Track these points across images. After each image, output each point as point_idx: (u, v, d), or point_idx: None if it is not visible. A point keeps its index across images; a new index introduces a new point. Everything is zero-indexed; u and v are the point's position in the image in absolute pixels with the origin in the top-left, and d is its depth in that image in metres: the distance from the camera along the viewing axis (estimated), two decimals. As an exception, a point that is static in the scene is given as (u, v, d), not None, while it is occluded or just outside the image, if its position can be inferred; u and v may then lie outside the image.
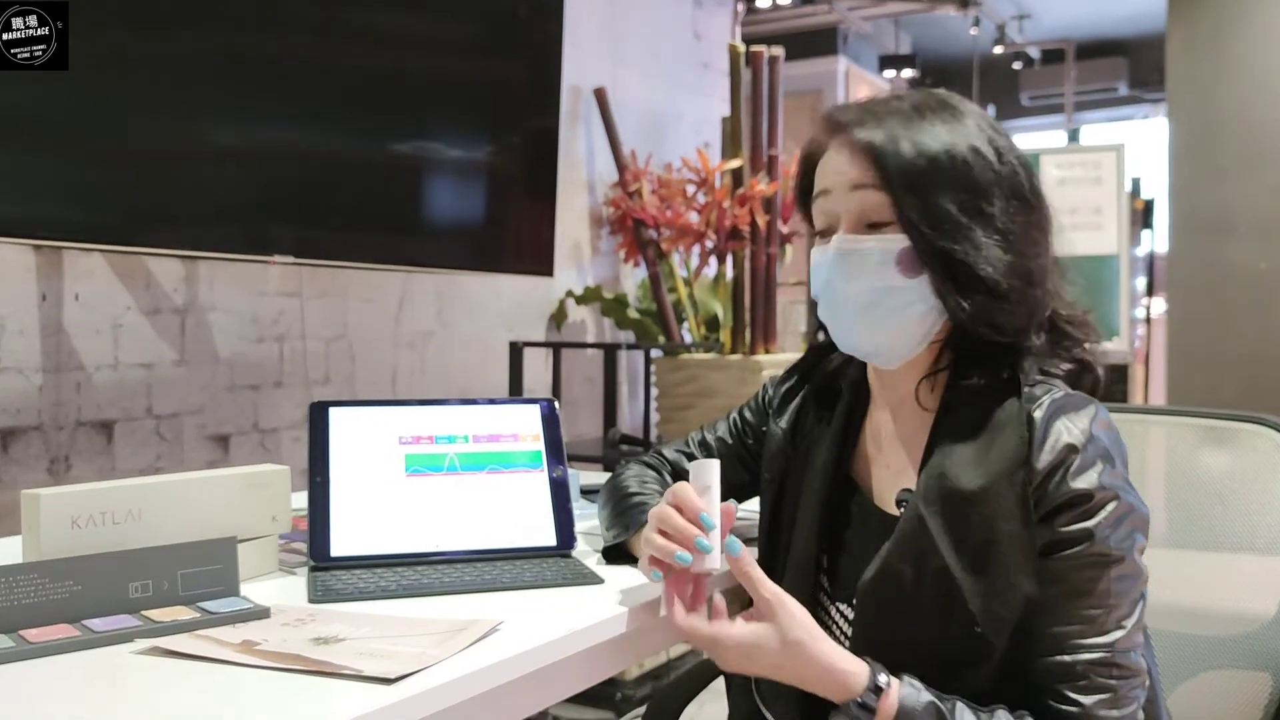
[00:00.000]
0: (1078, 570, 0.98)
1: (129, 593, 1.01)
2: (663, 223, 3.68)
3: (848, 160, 1.08)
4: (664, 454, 1.39)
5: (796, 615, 1.01)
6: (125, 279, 2.46)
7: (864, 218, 1.08)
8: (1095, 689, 0.96)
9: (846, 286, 1.08)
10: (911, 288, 1.06)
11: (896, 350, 1.10)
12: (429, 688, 0.85)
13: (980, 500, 1.01)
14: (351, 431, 1.29)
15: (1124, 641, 0.98)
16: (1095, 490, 0.98)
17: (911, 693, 0.97)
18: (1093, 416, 1.02)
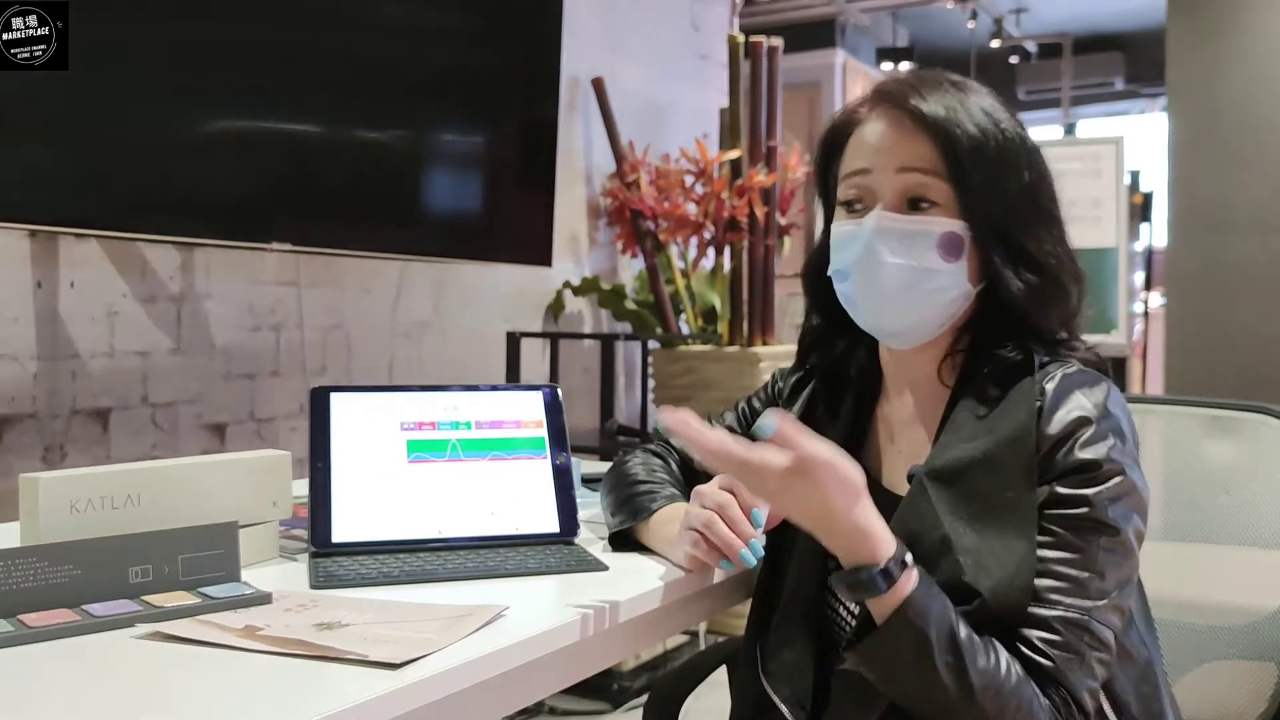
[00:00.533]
0: (1071, 531, 0.97)
1: (129, 577, 1.00)
2: (660, 214, 3.67)
3: (897, 138, 1.07)
4: (671, 443, 1.38)
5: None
6: (121, 266, 2.44)
7: (907, 195, 1.06)
8: (1067, 648, 0.95)
9: (885, 264, 1.06)
10: (949, 272, 1.06)
11: (920, 332, 1.09)
12: (434, 673, 0.84)
13: (983, 468, 1.01)
14: (353, 417, 1.28)
15: (1100, 613, 0.97)
16: (1103, 461, 0.98)
17: (926, 578, 0.95)
18: (1107, 392, 1.02)
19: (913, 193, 1.06)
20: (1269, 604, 1.32)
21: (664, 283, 3.79)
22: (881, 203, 1.07)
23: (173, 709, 0.78)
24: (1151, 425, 1.52)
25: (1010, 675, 0.94)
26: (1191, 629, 1.38)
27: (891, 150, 1.07)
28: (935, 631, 0.92)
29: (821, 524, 0.96)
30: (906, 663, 0.93)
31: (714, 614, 1.27)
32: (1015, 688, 0.93)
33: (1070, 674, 0.95)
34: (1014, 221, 1.06)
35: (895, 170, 1.06)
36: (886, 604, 0.94)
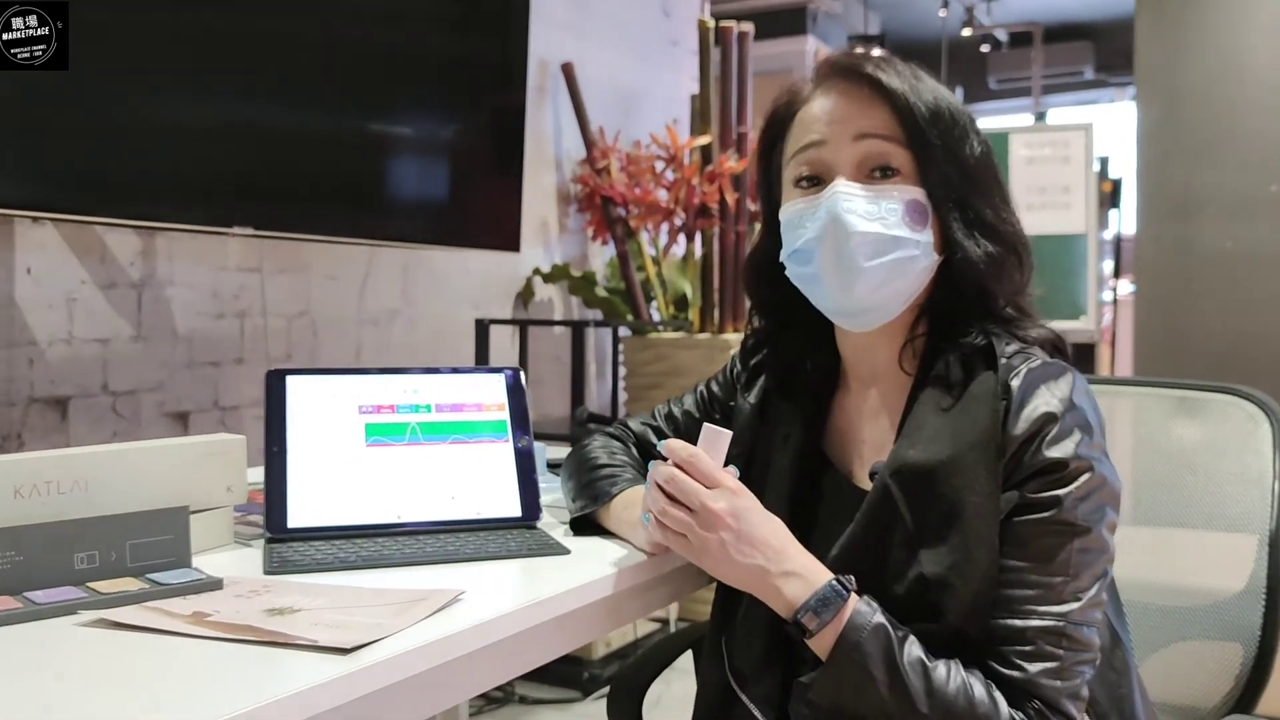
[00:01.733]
0: (1041, 536, 0.96)
1: (74, 564, 0.97)
2: (631, 200, 3.64)
3: (852, 106, 1.06)
4: (630, 426, 1.36)
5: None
6: (80, 252, 2.40)
7: (868, 164, 1.05)
8: (1041, 657, 0.94)
9: (854, 234, 1.02)
10: (918, 241, 1.04)
11: (887, 309, 1.07)
12: (386, 658, 0.82)
13: (948, 471, 0.99)
14: (310, 401, 1.25)
15: (1078, 614, 0.95)
16: (1070, 459, 0.96)
17: (865, 608, 0.96)
18: (1072, 384, 1.00)
19: (873, 160, 1.05)
20: (1234, 584, 1.32)
21: (635, 269, 3.77)
22: (841, 173, 1.05)
23: (114, 698, 0.75)
24: (1120, 406, 1.52)
25: (961, 695, 0.92)
26: (1159, 610, 1.38)
27: (848, 118, 1.05)
28: (874, 665, 0.93)
29: (766, 552, 0.99)
30: (854, 696, 0.94)
31: (678, 598, 1.26)
32: (969, 708, 0.92)
33: (1046, 683, 0.93)
34: (972, 189, 1.05)
35: (853, 138, 1.05)
36: (830, 636, 0.95)
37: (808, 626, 0.96)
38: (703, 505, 1.00)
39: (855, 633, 0.94)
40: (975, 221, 1.05)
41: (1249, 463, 1.36)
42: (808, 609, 0.96)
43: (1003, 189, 1.08)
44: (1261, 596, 1.29)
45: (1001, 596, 0.96)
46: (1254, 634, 1.29)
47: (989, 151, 1.08)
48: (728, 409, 1.28)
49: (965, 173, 1.05)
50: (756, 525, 1.00)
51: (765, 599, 1.00)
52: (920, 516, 0.99)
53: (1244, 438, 1.38)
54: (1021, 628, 0.95)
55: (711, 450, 1.03)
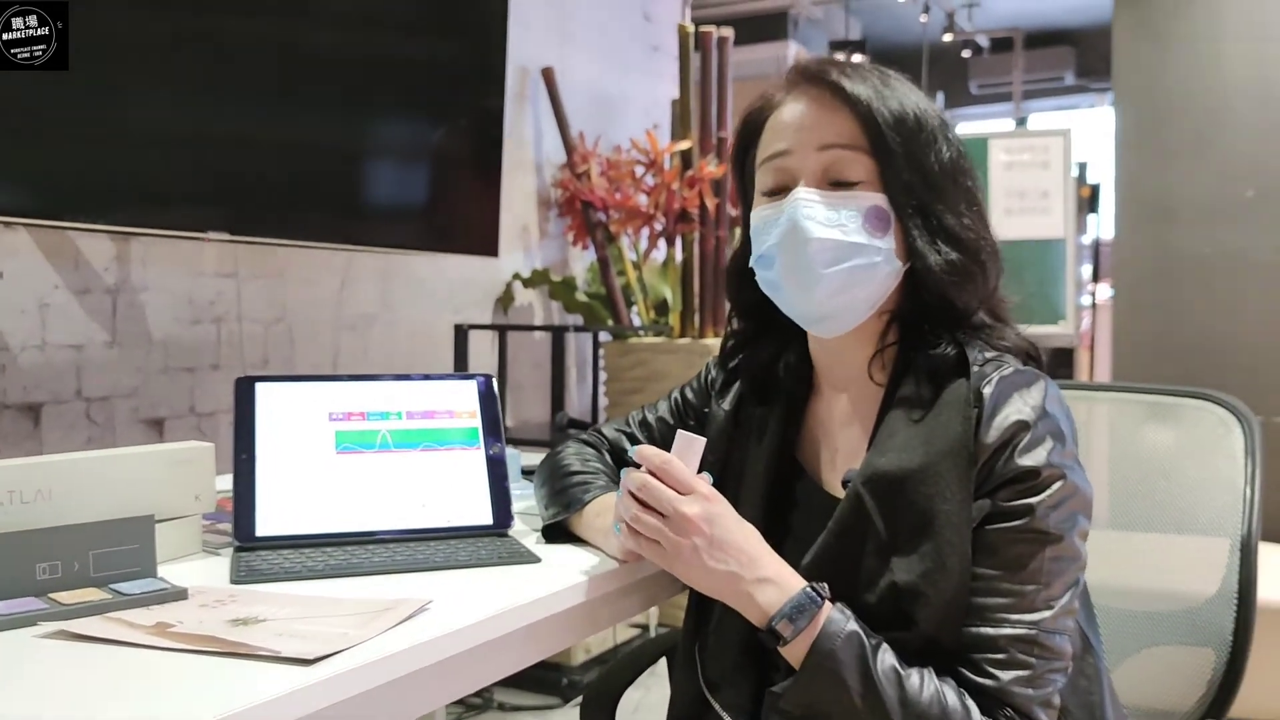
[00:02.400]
0: (1012, 544, 0.95)
1: (35, 574, 0.96)
2: (611, 205, 3.64)
3: (818, 115, 1.05)
4: (603, 433, 1.36)
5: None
6: (53, 257, 2.38)
7: (830, 175, 1.05)
8: (1014, 665, 0.94)
9: (811, 240, 1.03)
10: (878, 248, 1.04)
11: (849, 316, 1.07)
12: (350, 668, 0.81)
13: (920, 479, 0.98)
14: (279, 408, 1.24)
15: (1050, 622, 0.95)
16: (1042, 468, 0.96)
17: (839, 616, 0.96)
18: (1044, 392, 1.00)
19: (834, 171, 1.05)
20: (1207, 589, 1.32)
21: (615, 274, 3.77)
22: (805, 181, 1.05)
23: (73, 710, 0.74)
24: (1094, 412, 1.52)
25: (935, 704, 0.92)
26: (1131, 615, 1.38)
27: (813, 128, 1.05)
28: (848, 673, 0.93)
29: (739, 559, 0.99)
30: (827, 704, 0.94)
31: (651, 606, 1.25)
32: (942, 716, 0.92)
33: (1018, 691, 0.93)
34: (934, 196, 1.04)
35: (816, 148, 1.05)
36: (804, 644, 0.95)
37: (782, 634, 0.96)
38: (675, 511, 0.99)
39: (829, 640, 0.94)
40: (937, 229, 1.04)
41: (1221, 467, 1.36)
42: (782, 616, 0.96)
43: (971, 194, 1.07)
44: (1233, 601, 1.29)
45: (974, 605, 0.95)
46: (1226, 639, 1.29)
47: (959, 157, 1.07)
48: (702, 415, 1.27)
49: (928, 180, 1.04)
50: (730, 531, 1.00)
51: (738, 606, 1.00)
52: (892, 525, 0.99)
53: (1216, 442, 1.38)
54: (994, 636, 0.94)
55: (685, 457, 1.03)
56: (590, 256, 3.99)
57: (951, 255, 1.04)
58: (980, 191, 1.10)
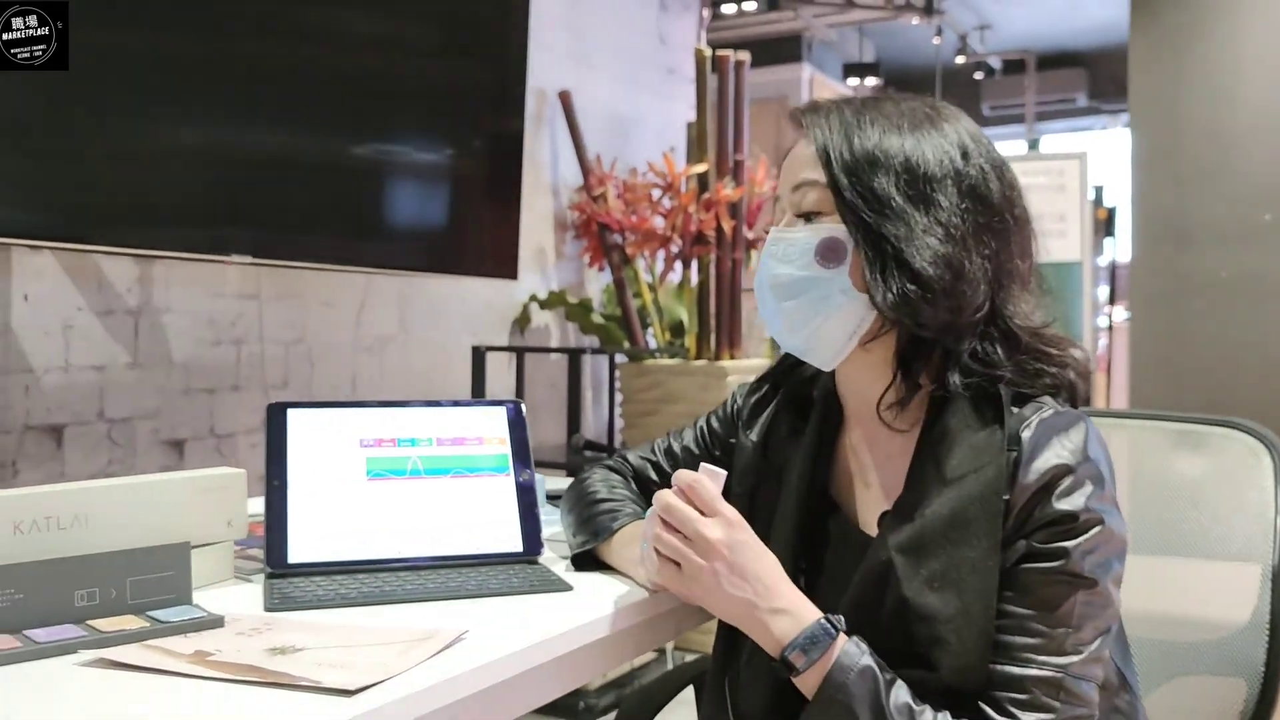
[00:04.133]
0: (1046, 585, 0.94)
1: (74, 601, 0.96)
2: (628, 227, 3.65)
3: (798, 157, 1.08)
4: (629, 459, 1.36)
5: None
6: (77, 279, 2.39)
7: (799, 209, 1.07)
8: (1037, 706, 0.92)
9: (768, 278, 1.08)
10: (828, 279, 1.03)
11: (823, 347, 1.07)
12: (391, 700, 0.81)
13: (947, 525, 0.97)
14: (310, 434, 1.25)
15: (1078, 668, 0.94)
16: (1080, 513, 0.95)
17: (854, 649, 0.95)
18: (1085, 435, 0.98)
19: (801, 205, 1.07)
20: (1238, 619, 1.32)
21: (631, 296, 3.77)
22: (783, 221, 1.08)
23: (116, 740, 0.75)
24: (1118, 440, 1.52)
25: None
26: (1161, 644, 1.37)
27: (789, 169, 1.09)
28: (859, 706, 0.92)
29: (755, 587, 0.99)
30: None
31: (682, 633, 1.25)
32: None
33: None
34: (891, 226, 1.00)
35: (791, 189, 1.08)
36: (816, 676, 0.95)
37: (795, 664, 0.96)
38: (697, 533, 1.00)
39: (842, 673, 0.94)
40: (890, 260, 1.00)
41: (1250, 497, 1.35)
42: (795, 647, 0.96)
43: (939, 215, 1.01)
44: (1265, 631, 1.28)
45: (1001, 642, 0.95)
46: (1258, 669, 1.28)
47: (935, 176, 1.02)
48: (728, 445, 1.27)
49: (878, 206, 1.01)
50: (750, 560, 1.00)
51: (752, 634, 1.00)
52: (915, 575, 0.98)
53: (1245, 471, 1.37)
54: (1019, 675, 0.93)
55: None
56: (606, 278, 4.00)
57: (906, 287, 0.99)
58: (997, 214, 1.04)
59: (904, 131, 1.04)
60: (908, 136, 1.03)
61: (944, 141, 1.04)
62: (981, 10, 7.67)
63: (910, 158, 1.02)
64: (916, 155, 1.02)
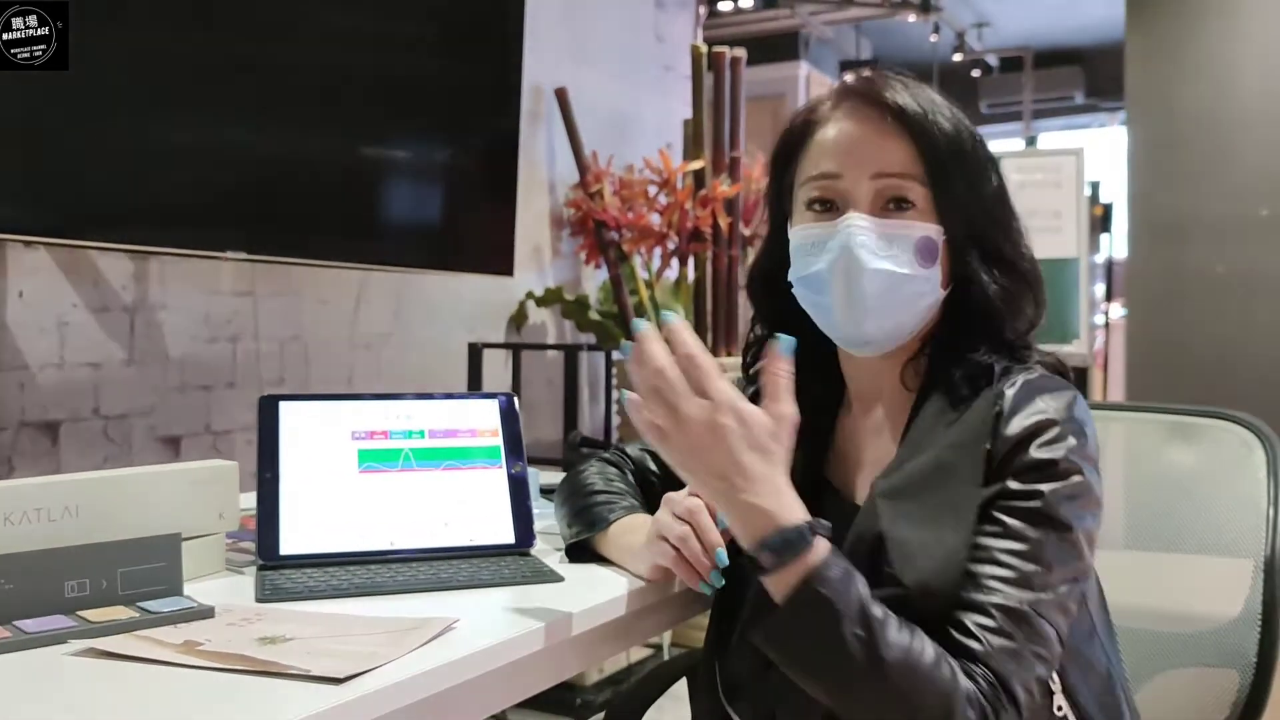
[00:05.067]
0: (1019, 520, 0.95)
1: (64, 592, 0.96)
2: (624, 224, 3.65)
3: (871, 140, 1.04)
4: (627, 452, 1.35)
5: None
6: (72, 276, 2.39)
7: (883, 199, 1.04)
8: (1002, 634, 0.91)
9: (866, 270, 1.02)
10: (926, 278, 1.04)
11: (893, 339, 1.07)
12: (380, 687, 0.81)
13: (934, 472, 0.99)
14: (302, 426, 1.25)
15: (1044, 607, 0.93)
16: (1060, 460, 0.96)
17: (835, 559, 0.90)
18: (1072, 399, 1.00)
19: (888, 195, 1.04)
20: (1230, 610, 1.32)
21: (628, 293, 3.77)
22: (855, 207, 1.04)
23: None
24: (1113, 432, 1.52)
25: (926, 654, 0.89)
26: (1153, 636, 1.38)
27: (866, 154, 1.04)
28: (844, 603, 0.87)
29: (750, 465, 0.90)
30: (813, 636, 0.88)
31: (673, 626, 1.25)
32: (932, 665, 0.88)
33: (1001, 662, 0.91)
34: (989, 224, 1.05)
35: (870, 176, 1.04)
36: (791, 578, 0.88)
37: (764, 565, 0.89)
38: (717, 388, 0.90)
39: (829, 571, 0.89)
40: (993, 256, 1.05)
41: (1243, 488, 1.36)
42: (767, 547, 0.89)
43: (1018, 221, 1.08)
44: (1257, 623, 1.29)
45: (971, 572, 0.94)
46: (1250, 661, 1.28)
47: (1003, 181, 1.08)
48: None
49: (984, 207, 1.05)
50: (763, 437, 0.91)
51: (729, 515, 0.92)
52: (896, 509, 0.99)
53: (1238, 463, 1.37)
54: (985, 602, 0.93)
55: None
56: (603, 275, 4.00)
57: (1005, 282, 1.05)
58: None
59: (965, 122, 1.06)
60: (969, 128, 1.06)
61: (975, 130, 1.08)
62: (979, 8, 7.67)
63: (989, 158, 1.07)
64: (988, 156, 1.07)
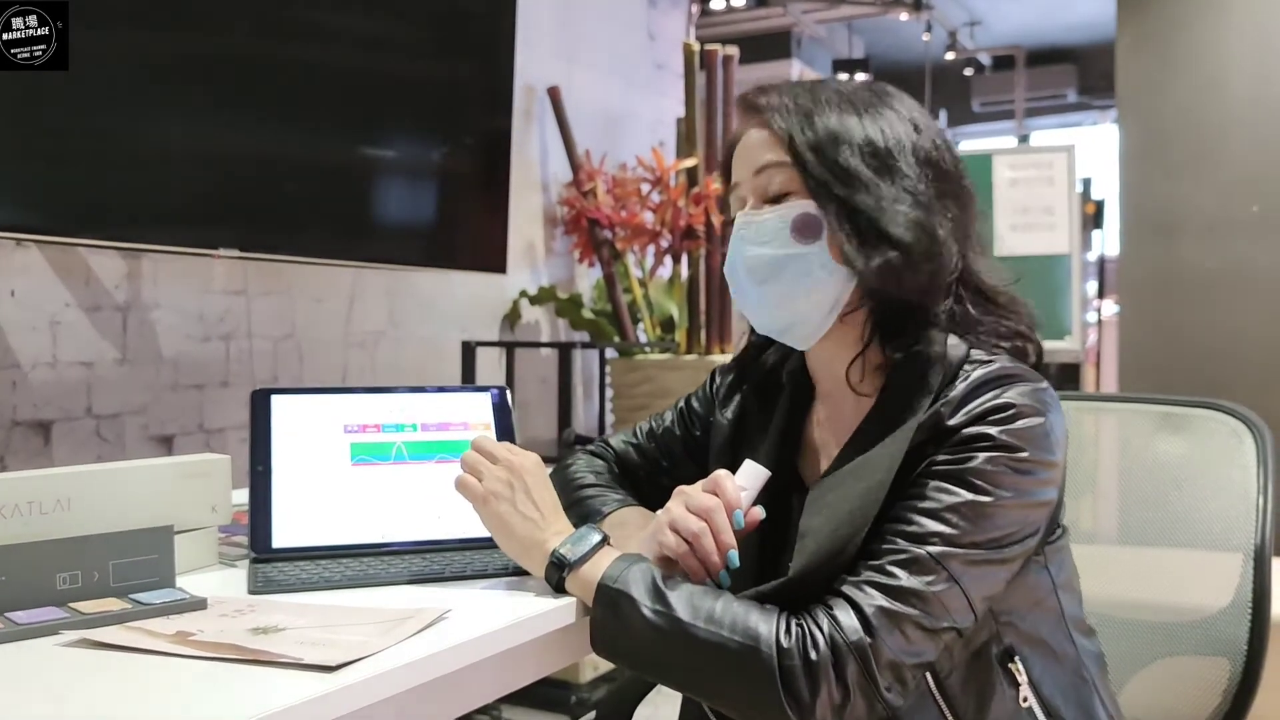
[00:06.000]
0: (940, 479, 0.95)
1: (56, 584, 0.96)
2: (617, 222, 3.65)
3: (755, 142, 1.09)
4: (610, 444, 1.36)
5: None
6: (64, 275, 2.39)
7: (766, 193, 1.08)
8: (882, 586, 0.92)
9: (744, 261, 1.08)
10: (808, 254, 1.05)
11: (804, 324, 1.08)
12: (372, 675, 0.81)
13: (858, 468, 1.00)
14: (295, 420, 1.25)
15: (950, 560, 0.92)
16: (998, 435, 0.95)
17: (622, 561, 0.99)
18: (1028, 389, 0.98)
19: (768, 189, 1.08)
20: (1221, 599, 1.32)
21: (621, 291, 3.77)
22: (748, 205, 1.09)
23: (97, 716, 0.75)
24: (1104, 423, 1.53)
25: (732, 604, 0.93)
26: (1147, 626, 1.38)
27: (747, 154, 1.10)
28: (636, 589, 0.95)
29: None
30: (623, 630, 0.95)
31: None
32: (740, 611, 0.93)
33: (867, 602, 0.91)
34: (861, 196, 1.03)
35: (753, 173, 1.08)
36: (586, 583, 0.98)
37: (566, 557, 1.01)
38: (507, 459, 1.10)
39: (617, 569, 0.98)
40: (866, 230, 1.02)
41: (1234, 478, 1.36)
42: (566, 542, 1.03)
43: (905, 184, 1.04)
44: (1248, 611, 1.29)
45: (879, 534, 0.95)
46: (1240, 649, 1.29)
47: (894, 148, 1.05)
48: (707, 425, 1.28)
49: (847, 180, 1.03)
50: (541, 488, 1.08)
51: (532, 557, 1.05)
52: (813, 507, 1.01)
53: (1228, 453, 1.38)
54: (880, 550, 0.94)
55: (748, 484, 1.06)
56: (596, 274, 4.00)
57: (888, 254, 1.01)
58: (951, 181, 1.08)
59: (858, 109, 1.07)
60: (863, 114, 1.06)
61: (895, 117, 1.07)
62: (971, 6, 7.68)
63: (868, 132, 1.05)
64: (874, 130, 1.05)
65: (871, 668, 0.89)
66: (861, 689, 0.89)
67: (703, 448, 1.28)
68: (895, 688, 0.91)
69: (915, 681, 0.95)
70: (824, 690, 0.89)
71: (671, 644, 0.93)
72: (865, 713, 0.91)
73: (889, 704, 0.91)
